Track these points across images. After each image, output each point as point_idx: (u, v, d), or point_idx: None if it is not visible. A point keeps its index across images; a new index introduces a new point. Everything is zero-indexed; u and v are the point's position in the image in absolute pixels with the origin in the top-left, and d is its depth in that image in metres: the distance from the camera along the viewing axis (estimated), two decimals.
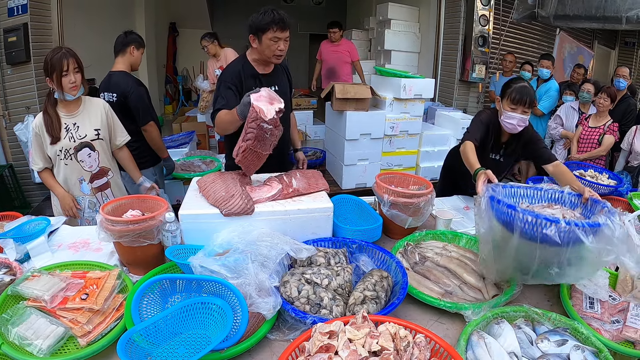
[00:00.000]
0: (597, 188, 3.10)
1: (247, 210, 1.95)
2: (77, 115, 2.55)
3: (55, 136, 2.47)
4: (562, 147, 5.06)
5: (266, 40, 2.42)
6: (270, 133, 2.03)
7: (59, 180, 2.62)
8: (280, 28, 2.40)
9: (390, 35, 6.95)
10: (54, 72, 2.35)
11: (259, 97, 1.98)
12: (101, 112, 2.65)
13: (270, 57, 2.50)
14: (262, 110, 1.94)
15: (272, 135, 2.06)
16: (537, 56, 6.54)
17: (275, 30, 2.39)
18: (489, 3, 6.31)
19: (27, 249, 1.98)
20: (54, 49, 2.42)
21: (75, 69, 2.40)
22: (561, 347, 1.49)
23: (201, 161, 4.46)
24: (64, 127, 2.50)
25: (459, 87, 6.68)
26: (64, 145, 2.52)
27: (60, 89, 2.39)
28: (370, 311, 1.57)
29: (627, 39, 9.33)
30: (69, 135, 2.52)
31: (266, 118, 1.95)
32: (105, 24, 6.29)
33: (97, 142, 2.62)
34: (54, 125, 2.46)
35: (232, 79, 2.49)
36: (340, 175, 4.86)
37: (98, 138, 2.61)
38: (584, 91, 4.90)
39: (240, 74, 2.49)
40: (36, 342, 1.37)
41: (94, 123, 2.60)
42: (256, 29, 2.43)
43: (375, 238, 2.21)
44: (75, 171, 2.59)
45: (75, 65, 2.40)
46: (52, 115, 2.46)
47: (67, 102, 2.49)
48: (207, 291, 1.61)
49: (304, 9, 11.11)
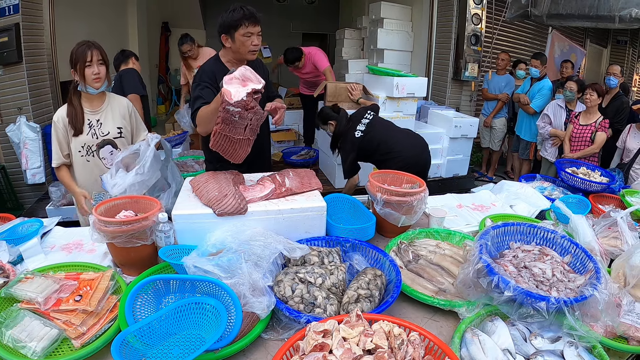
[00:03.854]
0: (589, 186, 3.13)
1: (241, 210, 1.95)
2: (101, 111, 2.55)
3: (78, 128, 2.47)
4: (552, 145, 5.08)
5: (239, 37, 2.41)
6: (239, 116, 1.97)
7: (78, 177, 2.60)
8: (251, 23, 2.39)
9: (383, 34, 6.95)
10: (78, 63, 2.36)
11: (230, 79, 1.93)
12: (125, 110, 2.65)
13: (245, 54, 2.49)
14: (229, 92, 1.89)
15: (243, 119, 2.00)
16: (529, 55, 6.59)
17: (247, 26, 2.38)
18: (482, 2, 6.34)
19: (20, 250, 1.97)
20: (80, 42, 2.42)
21: (99, 61, 2.39)
22: (555, 343, 1.50)
23: (194, 161, 4.46)
24: (87, 122, 2.50)
25: (452, 85, 6.70)
26: (86, 141, 2.51)
27: (83, 80, 2.39)
28: (364, 310, 1.57)
29: (619, 38, 9.39)
30: (92, 132, 2.52)
31: (231, 101, 1.89)
32: (98, 24, 6.27)
33: (120, 139, 2.61)
34: (77, 118, 2.46)
35: (207, 78, 2.47)
36: (334, 174, 4.86)
37: (120, 136, 2.61)
38: (567, 89, 4.93)
39: (214, 73, 2.48)
40: (30, 345, 1.37)
41: (117, 121, 2.60)
42: (228, 27, 2.41)
43: (369, 237, 2.21)
44: (96, 168, 2.58)
45: (100, 57, 2.39)
46: (76, 107, 2.46)
47: (91, 97, 2.50)
48: (201, 291, 1.61)
49: (296, 8, 11.08)
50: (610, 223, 2.27)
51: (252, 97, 1.94)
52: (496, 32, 6.73)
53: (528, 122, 5.84)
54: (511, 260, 1.80)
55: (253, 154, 2.24)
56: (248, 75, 1.96)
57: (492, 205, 2.87)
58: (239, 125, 2.03)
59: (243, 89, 1.91)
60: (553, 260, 1.80)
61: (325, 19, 11.13)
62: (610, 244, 2.18)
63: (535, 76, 5.68)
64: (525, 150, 6.05)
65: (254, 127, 2.10)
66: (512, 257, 1.83)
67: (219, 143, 2.10)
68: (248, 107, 1.96)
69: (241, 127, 2.05)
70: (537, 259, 1.81)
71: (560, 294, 1.59)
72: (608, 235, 2.24)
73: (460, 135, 5.24)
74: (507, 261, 1.79)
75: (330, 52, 9.32)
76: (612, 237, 2.22)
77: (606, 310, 1.54)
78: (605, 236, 2.24)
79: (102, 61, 2.41)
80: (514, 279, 1.60)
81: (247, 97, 1.91)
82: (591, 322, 1.55)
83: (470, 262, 1.69)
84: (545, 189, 3.29)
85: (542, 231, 1.96)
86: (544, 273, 1.70)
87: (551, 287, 1.64)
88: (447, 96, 6.70)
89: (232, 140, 2.09)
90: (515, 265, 1.77)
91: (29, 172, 4.41)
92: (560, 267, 1.76)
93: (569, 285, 1.65)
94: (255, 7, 2.42)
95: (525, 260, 1.79)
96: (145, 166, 2.31)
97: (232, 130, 2.04)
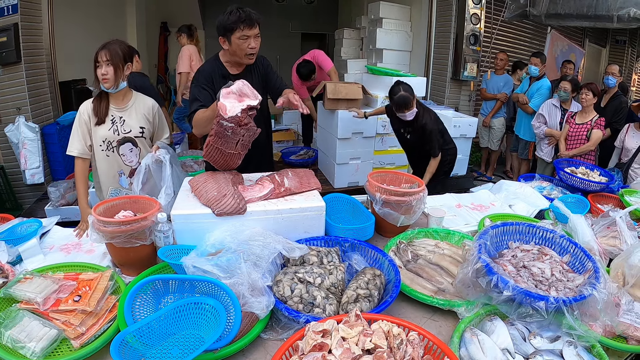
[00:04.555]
0: (588, 185, 3.13)
1: (240, 210, 1.95)
2: (126, 110, 2.58)
3: (101, 118, 2.50)
4: (547, 145, 5.08)
5: (235, 40, 2.41)
6: (232, 131, 1.97)
7: (99, 171, 2.64)
8: (247, 26, 2.38)
9: (382, 34, 6.96)
10: (94, 63, 2.41)
11: (227, 93, 1.93)
12: (150, 111, 2.66)
13: (243, 58, 2.50)
14: (225, 107, 1.89)
15: (236, 134, 2.00)
16: (528, 54, 6.60)
17: (242, 29, 2.38)
18: (480, 2, 6.34)
19: (19, 251, 1.97)
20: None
21: (107, 62, 2.39)
22: (554, 343, 1.50)
23: (193, 161, 4.46)
24: (110, 117, 2.53)
25: (451, 85, 6.70)
26: (107, 136, 2.53)
27: (96, 79, 2.43)
28: (363, 309, 1.57)
29: (617, 37, 9.39)
30: (114, 128, 2.54)
31: (225, 116, 1.89)
32: (97, 24, 6.27)
33: (141, 139, 2.63)
34: (101, 109, 2.50)
35: (204, 80, 2.50)
36: (333, 174, 4.86)
37: (142, 136, 2.62)
38: (561, 89, 4.93)
39: (211, 75, 2.50)
40: (29, 345, 1.37)
41: (141, 121, 2.61)
42: (224, 30, 2.42)
43: (368, 236, 2.21)
44: (115, 164, 2.60)
45: (107, 58, 2.39)
46: (102, 100, 2.50)
47: (115, 95, 2.52)
48: (200, 291, 1.61)
49: (295, 8, 11.08)
50: (609, 222, 2.28)
51: (246, 113, 1.94)
52: (495, 32, 6.74)
53: (527, 121, 5.84)
54: (510, 260, 1.80)
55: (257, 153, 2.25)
56: (245, 90, 1.95)
57: (491, 204, 2.87)
58: (231, 140, 2.03)
59: (239, 105, 1.91)
60: (552, 260, 1.80)
61: (324, 19, 11.12)
62: (609, 243, 2.18)
63: (535, 75, 5.68)
64: (524, 149, 6.05)
65: (246, 143, 2.11)
66: (511, 256, 1.84)
67: (211, 154, 2.12)
68: (241, 123, 1.96)
69: (233, 142, 2.06)
70: (536, 258, 1.81)
71: (559, 294, 1.59)
72: (607, 235, 2.24)
73: (459, 135, 5.24)
74: (506, 261, 1.79)
75: (330, 52, 9.28)
76: (611, 237, 2.22)
77: (605, 309, 1.54)
78: (604, 236, 2.24)
79: (110, 62, 2.40)
80: (513, 279, 1.60)
81: (241, 113, 1.91)
82: (590, 321, 1.55)
83: (469, 261, 1.69)
84: (544, 189, 3.29)
85: (541, 231, 1.97)
86: (542, 273, 1.70)
87: (550, 287, 1.64)
88: (446, 96, 6.70)
89: (223, 154, 2.11)
90: (514, 264, 1.77)
91: (27, 173, 4.41)
92: (559, 266, 1.76)
93: (568, 284, 1.66)
94: (253, 7, 2.42)
95: (524, 259, 1.79)
96: (170, 187, 2.33)
97: (224, 144, 2.05)
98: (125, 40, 2.56)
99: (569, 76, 5.29)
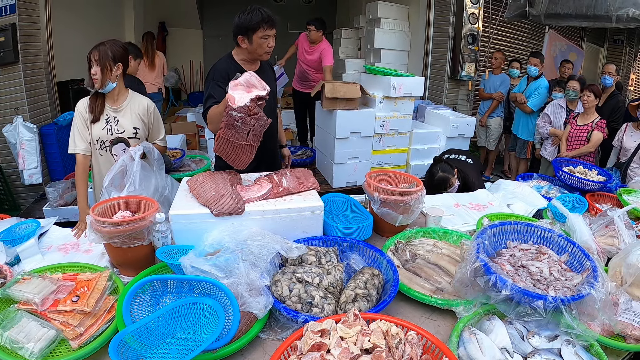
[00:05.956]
0: (586, 184, 3.13)
1: (238, 210, 1.95)
2: (120, 110, 2.59)
3: (96, 115, 2.52)
4: (551, 145, 5.09)
5: (257, 39, 2.50)
6: (242, 121, 1.99)
7: (93, 170, 2.67)
8: (269, 26, 2.50)
9: (380, 33, 6.96)
10: (87, 63, 2.44)
11: (235, 85, 1.96)
12: (145, 111, 2.67)
13: (262, 55, 2.59)
14: (233, 97, 1.92)
15: (246, 124, 2.02)
16: (526, 54, 6.60)
17: (265, 29, 2.48)
18: (479, 1, 6.35)
19: (17, 251, 1.97)
20: None
21: (96, 61, 2.41)
22: (552, 342, 1.50)
23: (191, 160, 4.45)
24: (104, 116, 2.55)
25: (449, 85, 6.71)
26: (101, 135, 2.55)
27: (90, 79, 2.45)
28: (361, 309, 1.57)
29: (616, 37, 9.39)
30: (108, 127, 2.55)
31: (234, 106, 1.92)
32: (95, 24, 6.26)
33: (134, 139, 2.63)
34: (96, 107, 2.52)
35: (220, 77, 2.53)
36: (331, 174, 4.86)
37: (135, 137, 2.63)
38: (570, 89, 4.94)
39: (227, 72, 2.51)
40: (28, 346, 1.36)
41: (135, 121, 2.62)
42: (246, 29, 2.49)
43: (366, 236, 2.21)
44: (108, 163, 2.59)
45: (96, 58, 2.41)
46: (99, 98, 2.52)
47: (110, 94, 2.54)
48: (199, 291, 1.61)
49: (293, 7, 11.05)
50: (607, 222, 2.28)
51: (255, 103, 1.97)
52: (493, 31, 6.74)
53: (525, 121, 5.85)
54: (508, 259, 1.80)
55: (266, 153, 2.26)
56: (253, 81, 1.98)
57: (489, 204, 2.87)
58: (241, 130, 2.04)
59: (247, 95, 1.94)
60: (550, 259, 1.80)
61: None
62: (607, 242, 2.18)
63: (534, 75, 5.69)
64: (522, 149, 6.06)
65: (257, 134, 2.12)
66: (510, 256, 1.84)
67: (222, 147, 2.11)
68: (251, 112, 1.98)
69: (244, 133, 2.06)
70: (534, 257, 1.81)
71: (558, 293, 1.59)
72: (605, 234, 2.24)
73: (457, 134, 5.24)
74: (505, 260, 1.79)
75: None
76: (609, 236, 2.22)
77: (603, 308, 1.54)
78: (602, 235, 2.24)
79: (98, 62, 2.41)
80: (511, 278, 1.60)
81: (250, 103, 1.94)
82: (588, 320, 1.56)
83: (467, 261, 1.69)
84: (542, 188, 3.30)
85: (539, 230, 1.97)
86: (541, 272, 1.71)
87: (548, 286, 1.64)
88: (444, 95, 6.71)
89: (234, 146, 2.11)
90: (513, 264, 1.77)
91: (25, 173, 4.40)
92: (557, 265, 1.76)
93: (566, 284, 1.66)
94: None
95: (522, 259, 1.80)
96: (135, 183, 2.30)
97: (234, 135, 2.06)
98: (123, 40, 2.56)
99: (577, 75, 5.30)
